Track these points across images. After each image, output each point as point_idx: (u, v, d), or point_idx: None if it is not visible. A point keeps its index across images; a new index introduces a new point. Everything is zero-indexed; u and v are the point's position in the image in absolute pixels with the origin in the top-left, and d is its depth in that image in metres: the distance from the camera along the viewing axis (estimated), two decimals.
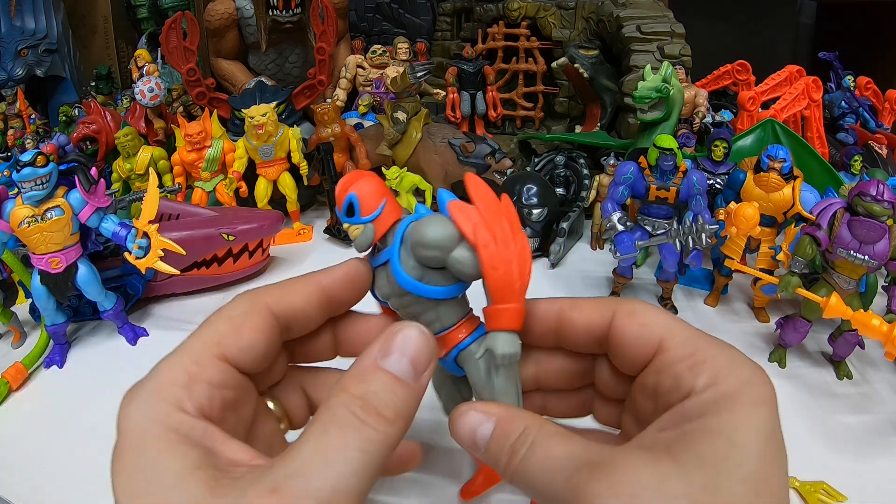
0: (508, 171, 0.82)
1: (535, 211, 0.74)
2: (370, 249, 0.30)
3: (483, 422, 0.26)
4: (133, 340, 0.61)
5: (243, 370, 0.26)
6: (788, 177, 0.59)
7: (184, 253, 0.59)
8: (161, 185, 0.84)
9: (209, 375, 0.24)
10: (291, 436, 0.29)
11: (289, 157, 0.85)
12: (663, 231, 0.61)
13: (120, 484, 0.21)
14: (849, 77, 1.02)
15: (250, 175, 0.84)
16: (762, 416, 0.23)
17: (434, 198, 0.87)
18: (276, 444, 0.30)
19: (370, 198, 0.29)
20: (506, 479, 0.26)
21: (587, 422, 0.33)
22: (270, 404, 0.30)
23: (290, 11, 1.00)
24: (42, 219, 0.54)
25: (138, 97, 0.94)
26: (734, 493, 0.21)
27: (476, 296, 0.30)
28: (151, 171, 0.64)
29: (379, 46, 1.16)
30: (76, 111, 1.13)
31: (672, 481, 0.21)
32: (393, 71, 1.11)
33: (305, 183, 0.86)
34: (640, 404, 0.28)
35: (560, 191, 0.85)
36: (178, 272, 0.60)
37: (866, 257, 0.49)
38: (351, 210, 0.29)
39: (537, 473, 0.24)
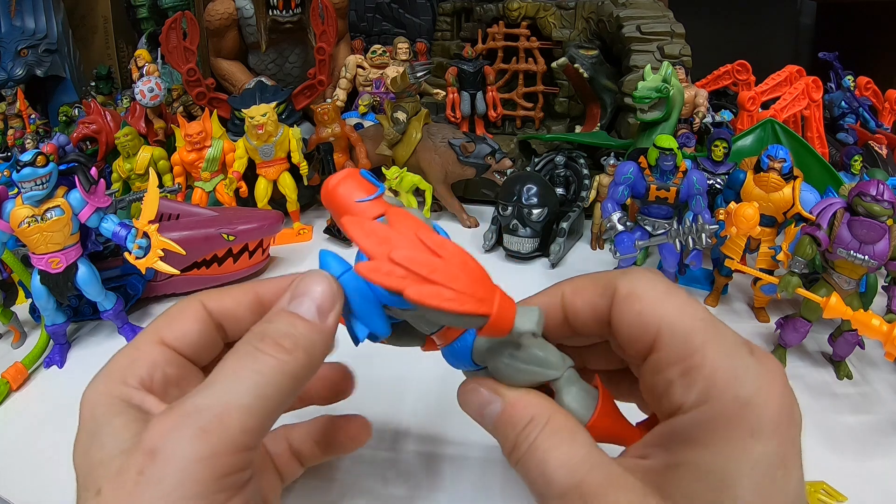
0: (508, 171, 0.82)
1: (535, 211, 0.74)
2: None
3: (492, 400, 0.26)
4: None
5: (183, 354, 0.28)
6: (788, 177, 0.59)
7: (184, 253, 0.59)
8: (161, 185, 0.84)
9: (148, 356, 0.27)
10: None
11: (289, 157, 0.84)
12: (663, 231, 0.61)
13: (76, 452, 0.25)
14: (849, 77, 1.02)
15: (250, 175, 0.84)
16: (760, 450, 0.20)
17: (434, 198, 0.87)
18: None
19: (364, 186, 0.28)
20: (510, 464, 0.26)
21: None
22: None
23: (290, 11, 1.00)
24: (42, 219, 0.54)
25: (138, 97, 0.94)
26: None
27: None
28: (151, 171, 0.64)
29: (379, 46, 1.16)
30: (76, 111, 1.13)
31: None
32: (393, 71, 1.11)
33: (305, 183, 0.85)
34: (646, 395, 0.26)
35: (560, 191, 0.85)
36: (178, 272, 0.60)
37: (866, 257, 0.49)
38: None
39: (535, 474, 0.24)
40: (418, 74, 0.87)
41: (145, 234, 0.58)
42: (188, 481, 0.21)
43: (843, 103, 0.98)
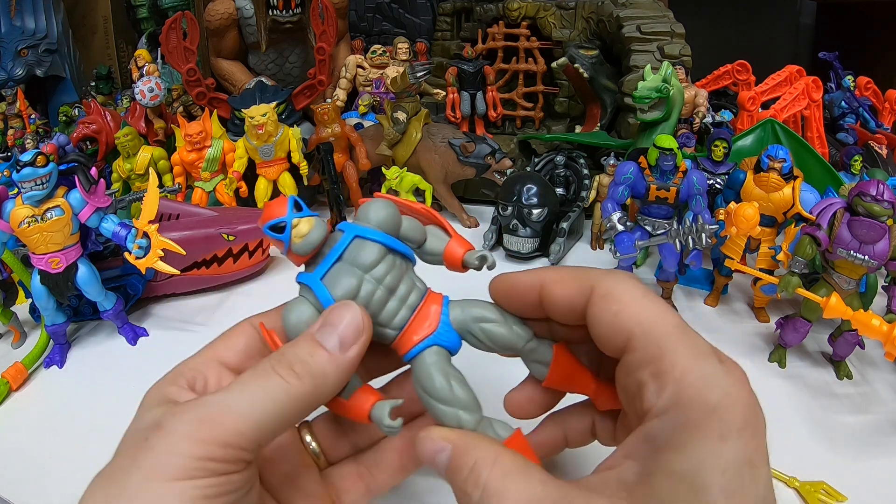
0: (508, 171, 0.82)
1: (535, 211, 0.74)
2: (307, 262, 0.30)
3: (442, 448, 0.27)
4: (133, 340, 0.61)
5: (226, 364, 0.31)
6: (788, 177, 0.59)
7: (184, 253, 0.59)
8: (161, 185, 0.84)
9: (197, 364, 0.30)
10: None
11: (289, 157, 0.85)
12: (663, 231, 0.61)
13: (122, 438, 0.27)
14: (849, 77, 1.02)
15: (250, 175, 0.84)
16: (730, 452, 0.21)
17: (434, 198, 0.87)
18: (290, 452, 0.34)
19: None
20: None
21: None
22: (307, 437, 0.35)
23: (290, 11, 1.00)
24: (42, 219, 0.54)
25: (138, 97, 0.94)
26: None
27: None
28: (151, 171, 0.64)
29: (379, 46, 1.16)
30: (76, 111, 1.13)
31: None
32: (393, 71, 1.11)
33: (305, 183, 0.85)
34: (621, 394, 0.28)
35: (560, 191, 0.85)
36: (178, 272, 0.60)
37: (866, 257, 0.49)
38: (278, 228, 0.29)
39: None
40: (418, 74, 0.87)
41: (145, 234, 0.58)
42: (176, 453, 0.24)
43: (843, 103, 0.98)
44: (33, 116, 1.16)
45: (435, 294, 0.31)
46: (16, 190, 0.54)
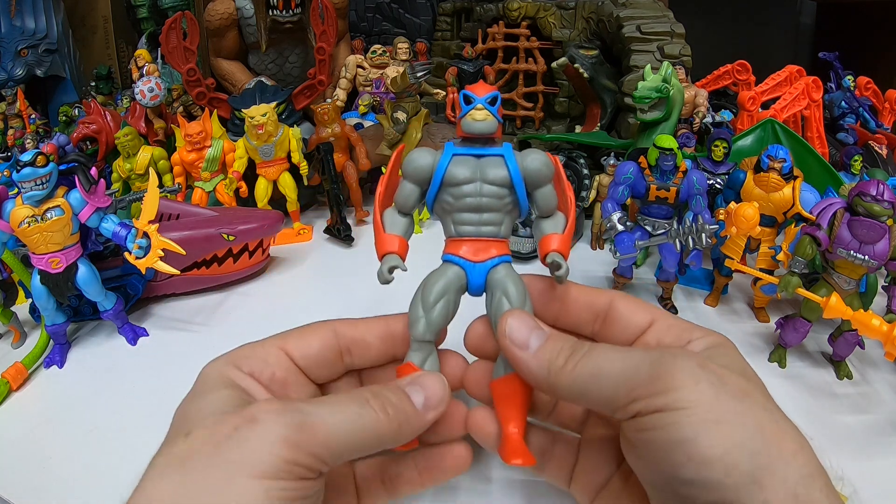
0: None
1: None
2: (463, 139, 0.34)
3: (536, 328, 0.30)
4: (133, 340, 0.61)
5: (297, 363, 0.32)
6: (788, 177, 0.59)
7: (184, 253, 0.59)
8: (161, 185, 0.84)
9: (265, 353, 0.32)
10: None
11: (289, 157, 0.85)
12: (663, 231, 0.61)
13: (179, 407, 0.28)
14: (849, 77, 1.02)
15: (250, 175, 0.84)
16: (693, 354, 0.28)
17: None
18: None
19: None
20: (545, 385, 0.29)
21: None
22: None
23: (290, 11, 1.00)
24: (42, 219, 0.54)
25: (138, 97, 0.94)
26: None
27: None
28: (151, 171, 0.64)
29: (379, 46, 1.16)
30: (76, 111, 1.13)
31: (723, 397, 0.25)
32: (393, 71, 1.11)
33: (305, 183, 0.85)
34: None
35: None
36: (178, 272, 0.60)
37: (866, 257, 0.49)
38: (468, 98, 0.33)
39: (596, 370, 0.27)
40: (418, 74, 0.87)
41: (145, 234, 0.58)
42: (267, 452, 0.24)
43: (843, 103, 0.98)
44: (33, 116, 1.16)
45: (504, 248, 0.34)
46: (16, 190, 0.54)
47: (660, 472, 0.25)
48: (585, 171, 0.84)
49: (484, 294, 0.33)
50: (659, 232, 0.61)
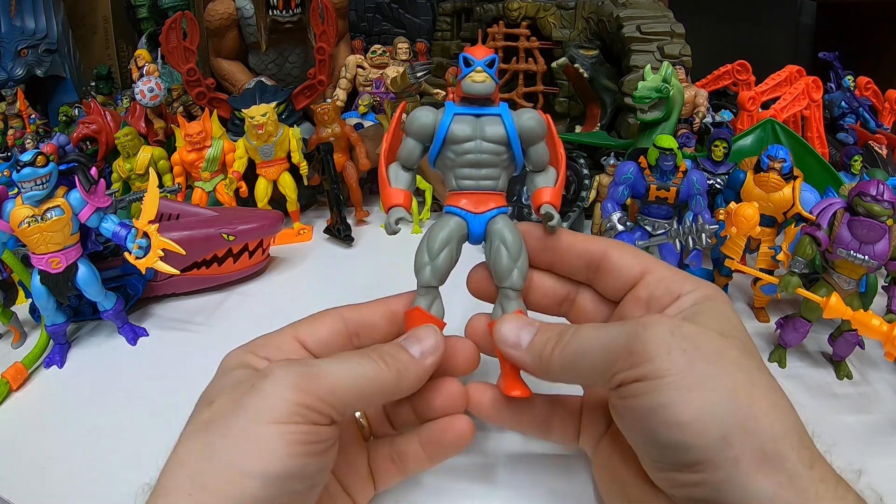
0: None
1: None
2: (461, 99, 0.36)
3: (526, 325, 0.34)
4: (133, 340, 0.61)
5: (308, 348, 0.35)
6: (788, 177, 0.59)
7: (184, 253, 0.59)
8: (161, 185, 0.84)
9: (279, 341, 0.34)
10: None
11: (289, 157, 0.84)
12: (663, 231, 0.61)
13: (201, 395, 0.30)
14: (849, 77, 1.01)
15: (250, 175, 0.84)
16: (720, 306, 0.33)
17: (434, 197, 0.87)
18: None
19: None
20: (540, 371, 0.32)
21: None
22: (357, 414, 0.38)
23: (290, 11, 1.00)
24: (42, 219, 0.54)
25: (138, 97, 0.94)
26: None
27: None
28: (151, 171, 0.64)
29: (379, 46, 1.16)
30: (76, 111, 1.13)
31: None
32: (393, 71, 1.11)
33: (305, 183, 0.85)
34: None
35: None
36: (178, 272, 0.60)
37: (866, 257, 0.48)
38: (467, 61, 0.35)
39: (580, 350, 0.30)
40: (418, 74, 0.87)
41: (145, 234, 0.58)
42: (279, 398, 0.27)
43: (843, 103, 0.98)
44: (33, 116, 1.16)
45: (501, 200, 0.37)
46: (16, 190, 0.54)
47: (641, 435, 0.28)
48: (585, 171, 0.84)
49: (483, 243, 0.36)
50: (659, 232, 0.61)
